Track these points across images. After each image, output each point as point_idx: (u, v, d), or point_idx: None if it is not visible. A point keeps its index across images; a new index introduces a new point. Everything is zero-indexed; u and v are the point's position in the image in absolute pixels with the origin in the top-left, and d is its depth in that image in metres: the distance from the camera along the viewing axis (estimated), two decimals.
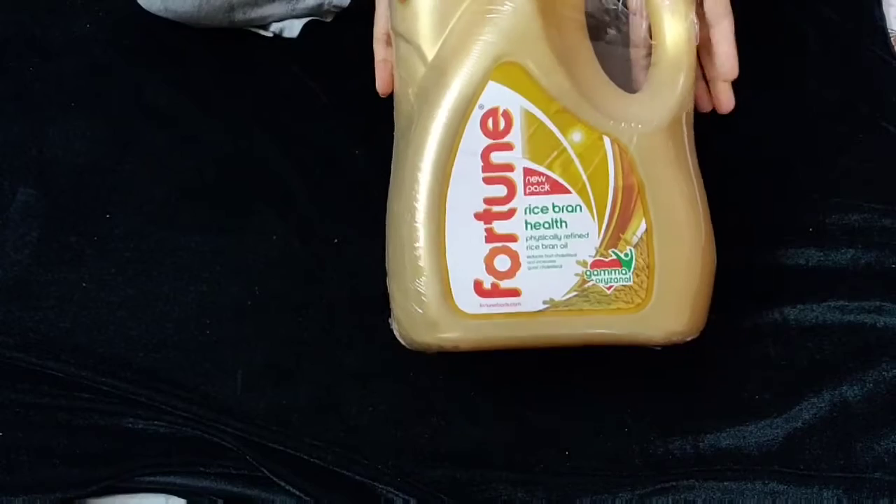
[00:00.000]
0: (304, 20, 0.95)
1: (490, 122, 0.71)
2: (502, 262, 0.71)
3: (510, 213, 0.71)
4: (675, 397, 0.82)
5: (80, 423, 0.81)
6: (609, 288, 0.72)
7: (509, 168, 0.71)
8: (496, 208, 0.71)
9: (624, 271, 0.71)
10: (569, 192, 0.71)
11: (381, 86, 0.79)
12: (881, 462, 0.79)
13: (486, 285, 0.71)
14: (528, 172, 0.71)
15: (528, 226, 0.71)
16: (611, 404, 0.82)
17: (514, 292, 0.71)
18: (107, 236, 0.87)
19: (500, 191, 0.71)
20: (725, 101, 0.76)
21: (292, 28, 0.95)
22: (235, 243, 0.87)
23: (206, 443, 0.80)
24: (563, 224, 0.71)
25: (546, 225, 0.71)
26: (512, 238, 0.71)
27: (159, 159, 0.90)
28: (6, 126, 0.91)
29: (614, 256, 0.71)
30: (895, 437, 0.80)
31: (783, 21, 0.95)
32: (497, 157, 0.71)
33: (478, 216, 0.71)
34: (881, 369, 0.82)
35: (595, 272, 0.71)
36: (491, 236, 0.71)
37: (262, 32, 0.95)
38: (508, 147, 0.71)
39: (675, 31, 0.73)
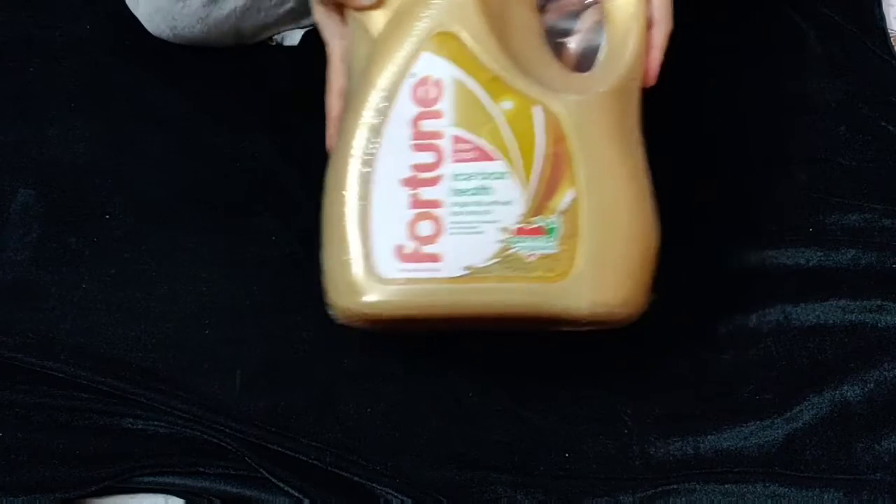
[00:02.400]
0: (305, 29, 0.96)
1: (421, 91, 0.71)
2: (425, 228, 0.70)
3: (436, 180, 0.70)
4: (676, 398, 0.82)
5: (80, 423, 0.81)
6: (530, 256, 0.70)
7: (438, 136, 0.71)
8: (423, 175, 0.71)
9: (548, 239, 0.70)
10: (495, 159, 0.70)
11: (332, 142, 0.76)
12: (882, 463, 0.79)
13: (408, 250, 0.70)
14: (456, 140, 0.71)
15: (454, 192, 0.70)
16: (611, 405, 0.82)
17: (435, 257, 0.70)
18: (107, 237, 0.87)
19: (428, 157, 0.71)
20: None
21: (293, 37, 0.96)
22: (235, 243, 0.87)
23: (205, 443, 0.80)
24: (489, 191, 0.70)
25: (471, 192, 0.70)
26: (436, 204, 0.70)
27: (159, 160, 0.90)
28: (6, 126, 0.91)
29: (538, 224, 0.70)
30: None
31: (783, 21, 0.95)
32: (427, 125, 0.71)
33: (404, 182, 0.71)
34: (882, 370, 0.82)
35: (518, 239, 0.70)
36: (416, 202, 0.71)
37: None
38: (438, 115, 0.71)
39: (622, 3, 0.73)
